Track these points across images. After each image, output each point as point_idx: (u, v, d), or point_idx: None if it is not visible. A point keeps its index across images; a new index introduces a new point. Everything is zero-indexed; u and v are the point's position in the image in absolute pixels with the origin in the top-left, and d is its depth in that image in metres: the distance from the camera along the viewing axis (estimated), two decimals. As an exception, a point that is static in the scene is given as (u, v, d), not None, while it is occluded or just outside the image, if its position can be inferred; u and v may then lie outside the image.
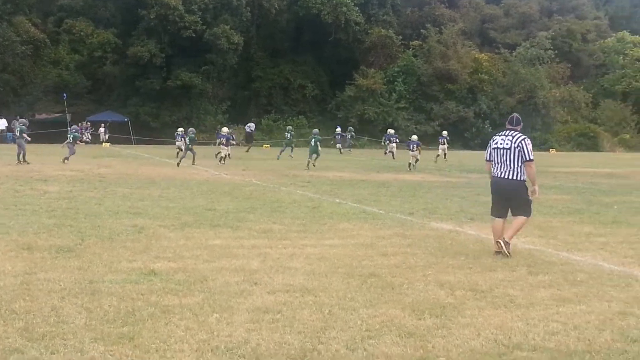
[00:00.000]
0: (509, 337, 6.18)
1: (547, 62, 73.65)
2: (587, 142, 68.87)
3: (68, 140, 30.78)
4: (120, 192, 18.07)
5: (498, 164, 10.32)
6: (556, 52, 74.67)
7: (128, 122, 57.90)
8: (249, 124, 56.75)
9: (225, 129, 35.99)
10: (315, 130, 34.57)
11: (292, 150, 40.82)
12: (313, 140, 32.30)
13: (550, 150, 57.90)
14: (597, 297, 7.78)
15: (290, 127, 46.52)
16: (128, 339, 5.81)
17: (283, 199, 17.25)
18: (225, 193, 18.58)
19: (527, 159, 10.14)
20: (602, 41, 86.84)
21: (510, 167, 10.17)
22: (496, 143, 10.41)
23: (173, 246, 10.15)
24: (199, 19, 59.38)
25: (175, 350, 5.60)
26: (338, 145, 51.81)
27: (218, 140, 34.78)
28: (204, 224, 12.49)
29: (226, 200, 16.67)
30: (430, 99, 68.34)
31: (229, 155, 33.04)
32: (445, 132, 44.58)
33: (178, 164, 29.61)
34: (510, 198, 10.35)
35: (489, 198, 10.67)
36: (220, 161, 31.97)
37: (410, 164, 32.61)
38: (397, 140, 43.12)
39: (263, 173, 26.64)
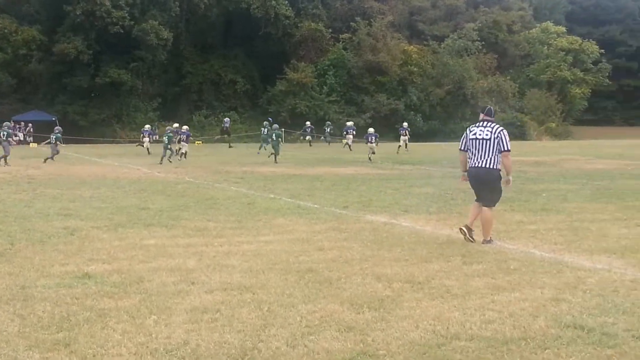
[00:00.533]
0: (447, 328, 6.25)
1: (475, 53, 74.74)
2: (515, 131, 70.00)
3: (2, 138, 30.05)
4: (50, 193, 17.72)
5: (477, 154, 10.55)
6: (483, 43, 75.85)
7: (56, 121, 56.76)
8: (225, 119, 55.84)
9: (185, 127, 36.50)
10: (275, 126, 35.66)
11: (262, 147, 40.10)
12: (274, 134, 33.32)
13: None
14: (530, 284, 7.93)
15: (266, 122, 45.55)
16: (64, 345, 5.70)
17: (217, 196, 17.14)
18: (158, 191, 18.38)
19: (505, 149, 10.41)
20: (527, 32, 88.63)
21: (489, 157, 10.43)
22: (474, 134, 10.65)
23: (107, 247, 9.99)
24: (126, 15, 58.51)
25: (113, 355, 5.52)
26: (308, 137, 53.43)
27: (178, 137, 34.62)
28: (138, 224, 12.33)
29: (159, 199, 16.49)
30: (361, 92, 68.70)
31: (186, 152, 33.29)
32: (405, 124, 46.62)
33: (161, 162, 30.24)
34: (484, 185, 10.65)
35: (422, 190, 10.83)
36: (180, 157, 32.10)
37: (369, 156, 33.49)
38: (354, 132, 44.00)
39: (196, 170, 26.42)
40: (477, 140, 10.55)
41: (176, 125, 37.18)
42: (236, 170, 26.20)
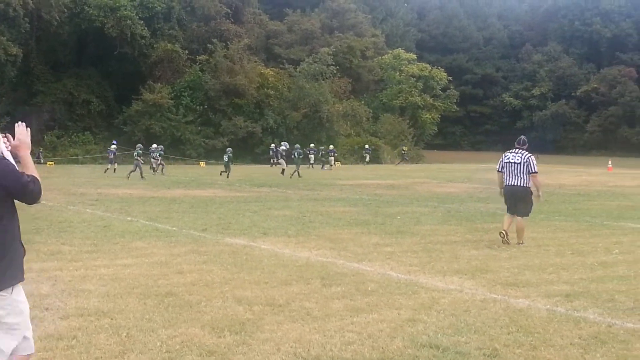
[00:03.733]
0: (308, 350, 6.33)
1: (330, 77, 75.86)
2: (370, 155, 71.61)
3: None
4: None
5: (511, 175, 13.41)
6: (338, 67, 77.09)
7: None
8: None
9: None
10: (229, 149, 41.90)
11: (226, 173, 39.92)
12: (226, 156, 39.75)
13: (336, 163, 59.66)
14: (388, 305, 8.14)
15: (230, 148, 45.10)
16: None
17: (71, 219, 16.65)
18: (8, 214, 17.61)
19: (533, 171, 13.29)
20: (379, 58, 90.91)
21: (520, 177, 13.29)
22: (508, 159, 13.53)
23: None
24: (-28, 30, 56.00)
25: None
26: (311, 160, 55.66)
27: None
28: (-14, 248, 11.80)
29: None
30: (219, 114, 68.42)
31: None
32: (332, 146, 52.03)
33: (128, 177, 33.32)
34: (518, 200, 13.34)
35: (281, 212, 10.95)
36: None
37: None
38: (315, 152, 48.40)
39: (48, 192, 25.47)
40: (510, 164, 13.42)
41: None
42: (91, 192, 25.52)
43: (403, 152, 71.35)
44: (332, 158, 56.05)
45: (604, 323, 7.47)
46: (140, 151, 34.18)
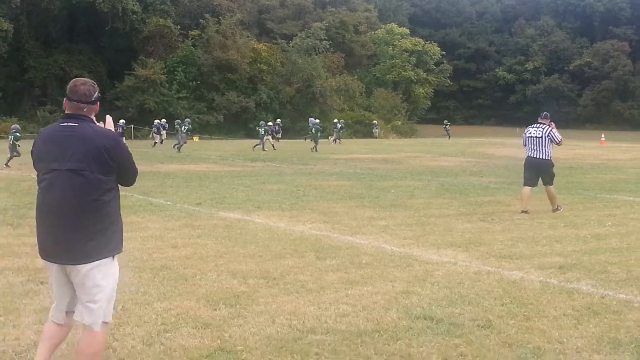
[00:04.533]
0: (303, 322, 6.36)
1: (323, 52, 75.63)
2: (363, 130, 71.33)
3: None
4: None
5: (532, 148, 14.20)
6: (331, 42, 76.87)
7: None
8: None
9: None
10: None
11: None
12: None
13: (329, 137, 59.52)
14: (382, 278, 8.17)
15: (263, 122, 45.33)
16: None
17: (65, 194, 16.60)
18: (2, 189, 17.64)
19: (557, 142, 14.25)
20: (372, 32, 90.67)
21: (541, 150, 14.12)
22: (530, 133, 14.31)
23: (-53, 248, 9.52)
24: (-38, 5, 55.64)
25: (-41, 359, 5.30)
26: (333, 137, 55.67)
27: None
28: (-20, 223, 11.82)
29: (3, 197, 15.84)
30: (212, 89, 68.23)
31: None
32: (335, 120, 52.16)
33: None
34: (541, 172, 14.25)
35: (275, 186, 10.96)
36: None
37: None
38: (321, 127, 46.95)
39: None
40: (532, 138, 14.21)
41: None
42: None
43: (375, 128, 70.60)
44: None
45: (597, 294, 7.52)
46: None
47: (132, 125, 58.92)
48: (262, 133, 40.64)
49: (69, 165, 4.48)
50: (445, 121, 74.55)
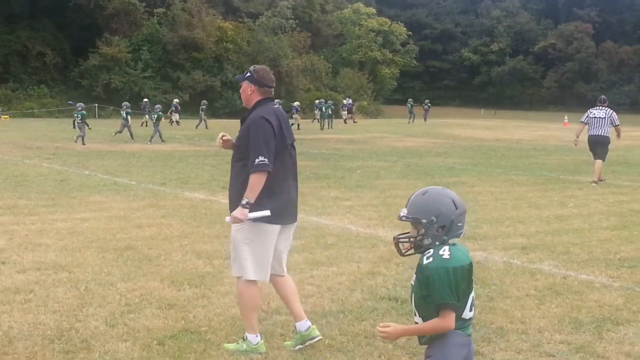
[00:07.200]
0: (268, 303, 6.36)
1: (289, 31, 75.36)
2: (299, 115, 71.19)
3: None
4: None
5: (596, 127, 16.36)
6: (297, 21, 76.59)
7: None
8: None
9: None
10: (126, 103, 33.97)
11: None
12: (123, 112, 32.43)
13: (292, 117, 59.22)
14: (347, 258, 8.19)
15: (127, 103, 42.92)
16: None
17: (27, 173, 16.44)
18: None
19: (616, 124, 16.58)
20: (339, 12, 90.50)
21: (603, 129, 16.32)
22: (593, 114, 16.50)
23: None
24: None
25: None
26: (344, 114, 57.58)
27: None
28: (-59, 203, 11.65)
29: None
30: (177, 68, 67.70)
31: None
32: (317, 101, 51.56)
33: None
34: (599, 146, 16.37)
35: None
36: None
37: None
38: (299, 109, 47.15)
39: (3, 145, 25.16)
40: (596, 118, 16.37)
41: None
42: (48, 146, 25.17)
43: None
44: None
45: (559, 275, 7.61)
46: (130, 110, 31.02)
47: (96, 105, 58.33)
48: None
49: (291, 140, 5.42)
50: (427, 100, 72.40)
